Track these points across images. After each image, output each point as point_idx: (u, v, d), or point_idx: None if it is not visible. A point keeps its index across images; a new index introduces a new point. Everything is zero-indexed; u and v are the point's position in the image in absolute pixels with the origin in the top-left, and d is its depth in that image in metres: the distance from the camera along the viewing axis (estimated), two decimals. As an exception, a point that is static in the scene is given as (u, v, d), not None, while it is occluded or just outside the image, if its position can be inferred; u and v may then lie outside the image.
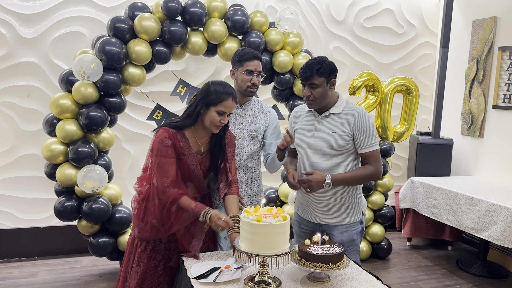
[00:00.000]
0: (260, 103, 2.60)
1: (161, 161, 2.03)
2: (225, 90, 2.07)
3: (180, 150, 2.08)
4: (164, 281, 2.17)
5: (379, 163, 2.29)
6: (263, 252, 1.70)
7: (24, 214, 3.88)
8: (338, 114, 2.27)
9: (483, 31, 4.33)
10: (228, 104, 2.07)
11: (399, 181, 5.00)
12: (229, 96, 2.07)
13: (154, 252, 2.16)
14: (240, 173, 2.52)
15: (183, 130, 2.11)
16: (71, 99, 3.25)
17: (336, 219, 2.31)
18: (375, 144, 2.26)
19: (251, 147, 2.53)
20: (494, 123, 4.26)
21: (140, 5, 3.40)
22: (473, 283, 3.68)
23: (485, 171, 4.38)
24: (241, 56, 2.43)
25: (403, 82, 3.91)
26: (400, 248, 4.46)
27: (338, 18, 4.57)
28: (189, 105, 2.14)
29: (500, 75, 4.17)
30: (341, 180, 2.23)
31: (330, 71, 2.21)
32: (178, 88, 3.66)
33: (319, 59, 2.22)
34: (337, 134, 2.23)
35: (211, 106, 2.06)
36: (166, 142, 2.04)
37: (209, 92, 2.06)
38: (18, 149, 3.81)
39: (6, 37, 3.65)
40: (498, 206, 3.29)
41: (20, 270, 3.64)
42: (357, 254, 2.38)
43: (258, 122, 2.54)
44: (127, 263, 2.23)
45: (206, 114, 2.08)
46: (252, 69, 2.41)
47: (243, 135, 2.51)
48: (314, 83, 2.19)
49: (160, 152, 2.04)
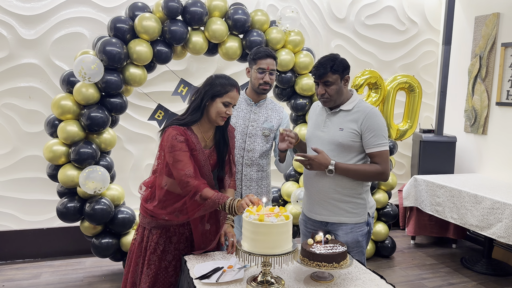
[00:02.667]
0: (274, 103, 2.64)
1: (177, 155, 2.04)
2: (229, 81, 2.13)
3: (192, 146, 2.10)
4: (175, 281, 2.18)
5: (387, 164, 2.22)
6: (266, 251, 1.69)
7: (26, 216, 3.88)
8: (348, 111, 2.24)
9: (485, 27, 4.30)
10: (233, 95, 2.12)
11: (402, 179, 4.98)
12: (234, 87, 2.13)
13: (165, 253, 2.16)
14: (252, 170, 2.55)
15: (191, 126, 2.14)
16: (72, 100, 3.24)
17: (340, 217, 2.29)
18: (384, 145, 2.20)
19: (263, 145, 2.56)
20: (498, 120, 4.23)
21: (140, 5, 3.39)
22: (478, 281, 3.66)
23: (489, 168, 4.36)
24: (255, 54, 2.48)
25: (405, 80, 3.89)
26: (404, 246, 4.44)
27: (340, 16, 4.55)
28: (193, 99, 2.16)
29: (503, 71, 4.14)
30: (344, 169, 2.19)
31: (344, 67, 2.19)
32: (180, 88, 3.65)
33: (332, 56, 2.20)
34: (344, 131, 2.21)
35: (216, 98, 2.10)
36: (180, 138, 2.06)
37: (214, 84, 2.11)
38: (20, 150, 3.81)
39: (7, 38, 3.65)
40: (502, 204, 3.27)
41: (24, 272, 3.65)
42: (363, 256, 2.35)
43: (271, 121, 2.57)
44: (135, 267, 2.21)
45: (212, 106, 2.12)
46: (264, 67, 2.45)
47: (256, 133, 2.54)
48: (329, 81, 2.17)
49: (175, 148, 2.05)
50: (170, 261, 2.16)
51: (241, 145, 2.55)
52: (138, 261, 2.20)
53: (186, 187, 2.04)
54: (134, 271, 2.21)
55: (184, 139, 2.07)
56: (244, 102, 2.58)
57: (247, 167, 2.54)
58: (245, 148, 2.54)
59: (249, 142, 2.53)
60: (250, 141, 2.53)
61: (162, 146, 2.11)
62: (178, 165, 2.04)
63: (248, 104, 2.57)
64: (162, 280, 2.15)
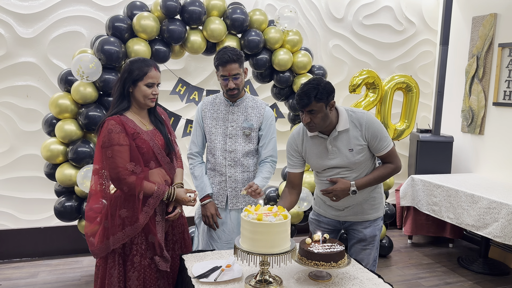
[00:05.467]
0: (255, 100, 2.57)
1: (115, 150, 2.04)
2: (145, 63, 2.13)
3: (133, 130, 2.11)
4: (160, 276, 2.18)
5: (397, 158, 2.30)
6: (264, 251, 1.70)
7: (24, 215, 3.88)
8: (346, 130, 2.21)
9: (483, 28, 4.32)
10: (153, 75, 2.12)
11: (399, 179, 4.99)
12: (151, 67, 2.13)
13: (138, 252, 2.13)
14: (236, 172, 2.52)
15: (124, 114, 2.14)
16: (70, 99, 3.24)
17: (364, 215, 2.34)
18: (390, 144, 2.25)
19: (245, 145, 2.52)
20: (495, 120, 4.25)
21: (138, 4, 3.39)
22: (474, 280, 3.67)
23: (486, 168, 4.37)
24: (216, 60, 2.42)
25: (403, 80, 3.90)
26: (401, 246, 4.46)
27: (338, 15, 4.56)
28: (115, 90, 2.16)
29: (500, 72, 4.16)
30: (366, 184, 2.23)
31: (328, 93, 2.09)
32: (178, 87, 3.65)
33: (315, 83, 2.09)
34: (355, 150, 2.21)
35: (138, 82, 2.11)
36: (116, 129, 2.05)
37: (131, 70, 2.12)
38: (17, 149, 3.80)
39: (4, 37, 3.64)
40: (499, 203, 3.29)
41: (21, 271, 3.64)
42: (377, 250, 2.41)
43: (251, 119, 2.51)
44: (118, 281, 2.12)
45: (136, 91, 2.13)
46: (226, 74, 2.39)
47: (236, 133, 2.51)
48: (313, 110, 2.08)
49: (112, 142, 2.04)
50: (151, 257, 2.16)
51: (223, 147, 2.51)
52: (113, 272, 2.13)
53: (121, 184, 2.05)
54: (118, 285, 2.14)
55: (121, 128, 2.06)
56: (222, 104, 2.54)
57: (231, 168, 2.51)
58: (226, 149, 2.50)
59: (230, 143, 2.50)
60: (231, 142, 2.50)
61: (99, 141, 2.09)
62: (114, 161, 2.04)
63: (225, 105, 2.53)
64: (149, 276, 2.15)
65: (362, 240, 2.34)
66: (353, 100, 4.29)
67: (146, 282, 2.12)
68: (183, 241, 2.35)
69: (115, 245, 2.09)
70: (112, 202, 2.15)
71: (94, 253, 2.16)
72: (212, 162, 2.54)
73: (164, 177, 2.21)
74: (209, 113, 2.54)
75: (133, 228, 2.09)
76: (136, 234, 2.12)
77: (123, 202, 2.12)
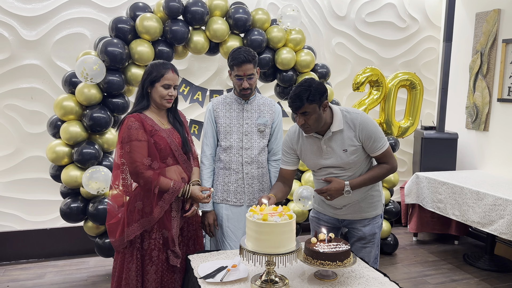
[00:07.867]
0: (264, 98, 2.64)
1: (133, 145, 2.13)
2: (163, 65, 2.23)
3: (151, 127, 2.20)
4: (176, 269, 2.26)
5: (393, 158, 2.28)
6: (270, 251, 1.70)
7: (30, 216, 3.90)
8: (340, 131, 2.21)
9: (486, 23, 4.30)
10: (169, 77, 2.21)
11: (404, 176, 4.98)
12: (168, 69, 2.22)
13: (151, 245, 2.21)
14: (252, 168, 2.55)
15: (144, 112, 2.24)
16: (74, 101, 3.25)
17: (362, 213, 2.34)
18: (385, 144, 2.23)
19: (260, 141, 2.56)
20: (499, 116, 4.23)
21: (141, 5, 3.39)
22: (481, 277, 3.67)
23: (491, 164, 4.36)
24: (231, 60, 2.45)
25: (407, 77, 3.89)
26: (407, 243, 4.45)
27: (340, 13, 4.55)
28: (137, 91, 2.28)
29: (504, 67, 4.14)
30: (360, 184, 2.23)
31: (320, 94, 2.08)
32: (181, 87, 3.66)
33: (306, 84, 2.08)
34: (349, 151, 2.21)
35: (155, 83, 2.21)
36: (135, 125, 2.15)
37: (151, 72, 2.22)
38: (23, 151, 3.83)
39: (8, 39, 3.66)
40: (504, 200, 3.28)
41: (28, 272, 3.66)
42: (378, 248, 2.42)
43: (264, 116, 2.57)
44: (136, 275, 2.19)
45: (154, 92, 2.22)
46: (241, 74, 2.42)
47: (251, 130, 2.54)
48: (307, 111, 2.08)
49: (131, 137, 2.13)
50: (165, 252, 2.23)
51: (239, 144, 2.53)
52: (131, 266, 2.19)
53: (138, 177, 2.13)
54: (136, 280, 2.19)
55: (139, 125, 2.15)
56: (235, 102, 2.56)
57: (248, 165, 2.54)
58: (243, 147, 2.53)
59: (246, 140, 2.53)
60: (246, 139, 2.53)
61: (119, 137, 2.18)
62: (132, 156, 2.12)
63: (239, 104, 2.55)
64: (166, 272, 2.23)
65: (362, 238, 2.35)
66: (356, 98, 4.29)
67: (164, 276, 2.20)
68: (196, 238, 2.43)
69: (130, 237, 2.15)
70: (132, 196, 2.23)
71: (114, 245, 2.24)
72: (226, 161, 2.55)
73: (181, 174, 2.29)
74: (222, 112, 2.56)
75: (147, 220, 2.17)
76: (154, 229, 2.19)
77: (141, 195, 2.20)
